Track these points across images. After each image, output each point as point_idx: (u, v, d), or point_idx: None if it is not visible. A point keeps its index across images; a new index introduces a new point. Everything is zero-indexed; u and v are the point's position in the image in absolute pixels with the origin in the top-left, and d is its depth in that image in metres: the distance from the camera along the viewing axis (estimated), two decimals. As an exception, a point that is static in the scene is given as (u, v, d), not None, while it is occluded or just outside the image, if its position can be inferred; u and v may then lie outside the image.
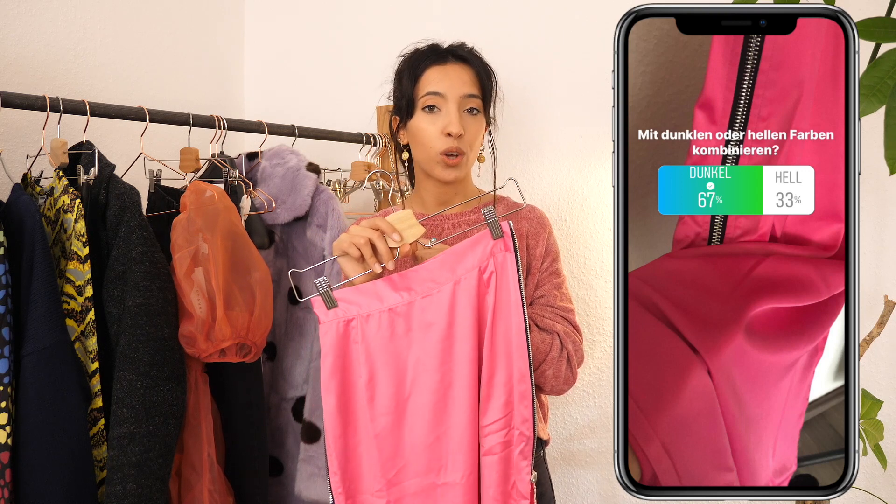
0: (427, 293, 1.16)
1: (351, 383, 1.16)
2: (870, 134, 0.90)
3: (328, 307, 1.16)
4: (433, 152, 1.33)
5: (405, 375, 1.16)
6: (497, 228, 1.15)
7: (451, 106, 1.32)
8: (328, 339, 1.16)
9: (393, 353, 1.16)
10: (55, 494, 1.25)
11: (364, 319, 1.16)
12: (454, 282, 1.16)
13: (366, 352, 1.15)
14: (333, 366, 1.15)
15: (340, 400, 1.15)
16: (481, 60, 1.39)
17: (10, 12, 1.63)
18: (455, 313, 1.15)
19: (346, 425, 1.16)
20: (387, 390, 1.15)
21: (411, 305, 1.16)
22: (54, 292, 1.27)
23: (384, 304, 1.16)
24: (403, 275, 1.17)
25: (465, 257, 1.16)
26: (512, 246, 1.16)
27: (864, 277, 1.63)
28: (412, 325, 1.16)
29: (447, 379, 1.15)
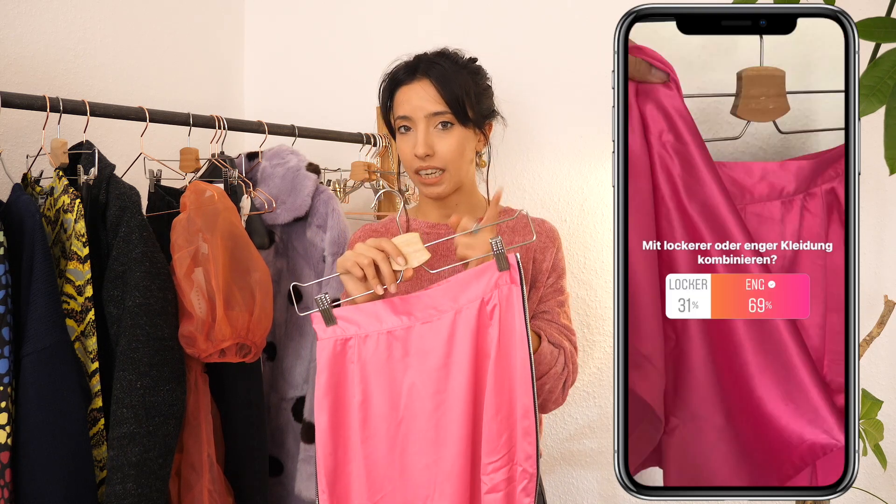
0: (427, 320, 1.15)
1: (344, 403, 1.16)
2: (870, 134, 0.90)
3: (327, 324, 1.15)
4: (411, 171, 1.35)
5: (399, 400, 1.15)
6: (503, 260, 1.13)
7: (420, 126, 1.32)
8: (324, 357, 1.15)
9: (388, 376, 1.15)
10: (55, 494, 1.25)
11: (362, 340, 1.15)
12: (455, 311, 1.14)
13: (361, 372, 1.15)
14: (328, 384, 1.15)
15: (333, 418, 1.15)
16: (446, 71, 1.33)
17: (10, 12, 1.63)
18: (454, 343, 1.14)
19: (336, 444, 1.16)
20: (380, 413, 1.15)
21: (410, 330, 1.15)
22: (54, 292, 1.27)
23: (383, 326, 1.15)
24: (405, 299, 1.16)
25: (468, 287, 1.15)
26: (518, 279, 1.14)
27: (863, 277, 1.63)
28: (410, 350, 1.15)
29: (441, 408, 1.14)
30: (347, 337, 1.16)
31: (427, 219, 1.42)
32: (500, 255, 1.13)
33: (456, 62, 1.36)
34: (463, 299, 1.15)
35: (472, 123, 1.35)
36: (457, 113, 1.32)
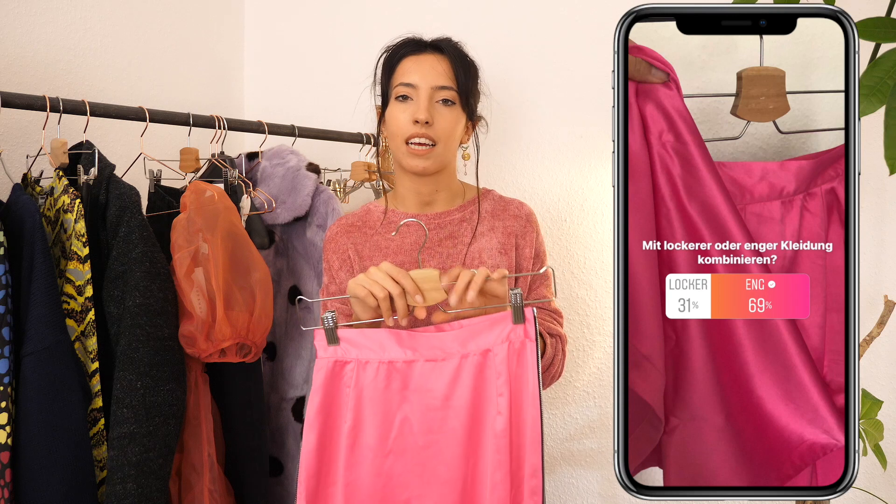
0: (431, 358, 1.15)
1: (335, 426, 1.15)
2: (870, 134, 0.90)
3: (329, 343, 1.15)
4: (400, 140, 1.32)
5: (389, 432, 1.14)
6: (520, 314, 1.12)
7: (422, 95, 1.30)
8: (320, 377, 1.15)
9: (383, 406, 1.14)
10: (55, 494, 1.25)
11: (361, 365, 1.15)
12: (462, 356, 1.14)
13: (356, 398, 1.14)
14: (321, 405, 1.15)
15: (321, 440, 1.15)
16: (460, 53, 1.36)
17: (10, 12, 1.63)
18: (455, 387, 1.14)
19: (320, 466, 1.15)
20: (368, 442, 1.14)
21: (412, 365, 1.15)
22: (54, 292, 1.27)
23: (385, 356, 1.15)
24: (412, 334, 1.15)
25: (479, 335, 1.14)
26: (534, 334, 1.13)
27: (863, 277, 1.64)
28: (409, 385, 1.15)
29: (432, 447, 1.14)
30: (347, 360, 1.15)
31: (405, 208, 1.40)
32: (518, 309, 1.12)
33: (464, 50, 1.38)
34: (472, 346, 1.14)
35: (467, 111, 1.35)
36: (461, 93, 1.33)
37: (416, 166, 1.32)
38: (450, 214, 1.39)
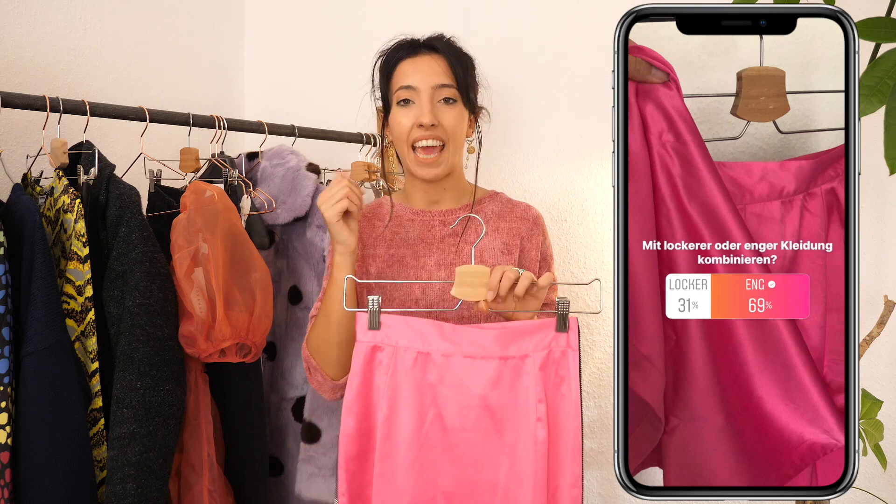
0: (470, 355, 1.14)
1: (372, 414, 1.15)
2: (870, 134, 0.90)
3: (370, 327, 1.14)
4: (408, 146, 1.32)
5: (422, 426, 1.14)
6: (564, 322, 1.12)
7: (424, 97, 1.30)
8: (358, 361, 1.14)
9: (417, 398, 1.13)
10: (55, 494, 1.25)
11: (400, 352, 1.14)
12: (500, 357, 1.14)
13: (391, 386, 1.13)
14: (359, 390, 1.14)
15: (360, 425, 1.14)
16: (455, 49, 1.36)
17: (10, 12, 1.63)
18: (492, 388, 1.13)
19: (359, 450, 1.15)
20: (403, 434, 1.14)
21: (450, 359, 1.14)
22: (54, 292, 1.27)
23: (424, 346, 1.14)
24: (455, 327, 1.15)
25: (521, 338, 1.14)
26: (576, 344, 1.13)
27: (863, 277, 1.63)
28: (444, 379, 1.14)
29: (463, 446, 1.14)
30: (386, 345, 1.14)
31: (413, 205, 1.41)
32: (563, 317, 1.12)
33: (458, 45, 1.38)
34: (512, 349, 1.14)
35: (469, 106, 1.36)
36: (461, 90, 1.33)
37: (426, 175, 1.33)
38: (454, 212, 1.40)
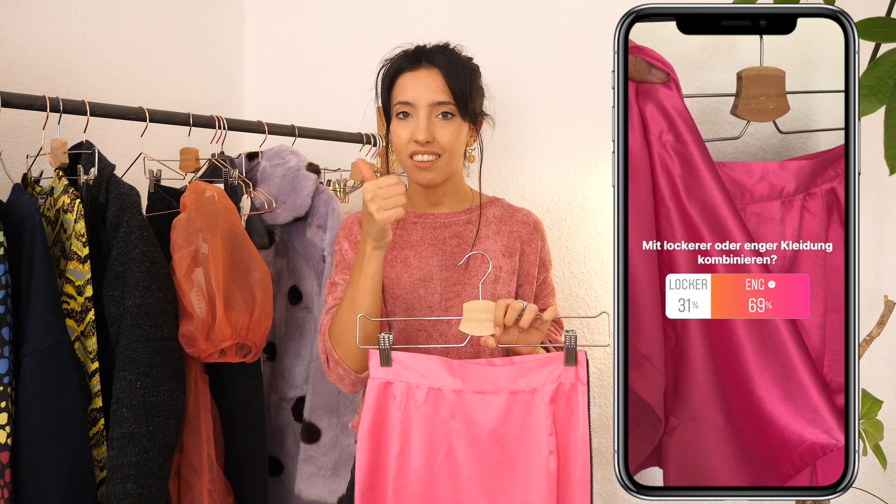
0: (480, 390, 1.17)
1: (385, 448, 1.18)
2: (870, 134, 0.90)
3: (382, 364, 1.17)
4: (405, 156, 1.35)
5: (435, 459, 1.17)
6: (573, 356, 1.15)
7: (421, 114, 1.32)
8: (371, 397, 1.17)
9: (429, 432, 1.17)
10: (55, 494, 1.25)
11: (411, 389, 1.17)
12: (510, 392, 1.16)
13: (403, 421, 1.17)
14: (372, 425, 1.17)
15: (372, 458, 1.17)
16: (456, 63, 1.36)
17: (10, 12, 1.63)
18: (503, 422, 1.16)
19: (373, 483, 1.18)
20: (415, 466, 1.17)
21: (460, 395, 1.17)
22: (54, 292, 1.27)
23: (435, 383, 1.17)
24: (463, 364, 1.18)
25: (529, 373, 1.17)
26: (585, 378, 1.15)
27: (863, 277, 1.63)
28: (456, 415, 1.17)
29: (476, 479, 1.16)
30: (398, 381, 1.17)
31: (414, 207, 1.43)
32: (571, 351, 1.15)
33: (459, 56, 1.39)
34: (521, 383, 1.16)
35: (469, 118, 1.37)
36: (459, 105, 1.34)
37: (422, 179, 1.35)
38: (456, 216, 1.42)
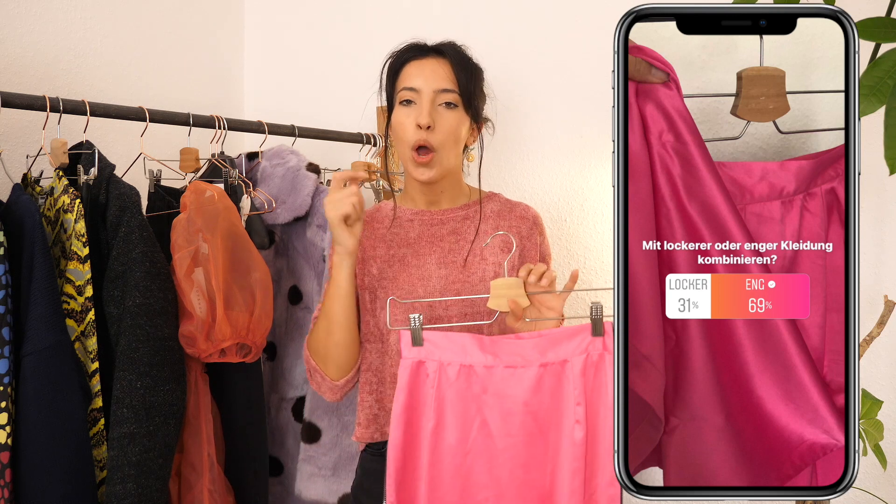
0: (511, 365, 1.19)
1: (419, 424, 1.20)
2: (870, 134, 0.90)
3: (413, 343, 1.19)
4: (406, 146, 1.34)
5: (469, 434, 1.19)
6: (599, 327, 1.18)
7: (425, 99, 1.32)
8: (405, 376, 1.19)
9: (462, 408, 1.19)
10: (55, 494, 1.25)
11: (444, 367, 1.19)
12: (541, 364, 1.19)
13: (437, 398, 1.19)
14: (406, 403, 1.19)
15: (406, 436, 1.19)
16: (462, 56, 1.38)
17: (10, 12, 1.63)
18: (534, 394, 1.18)
19: (405, 460, 1.20)
20: (450, 441, 1.19)
21: (492, 370, 1.19)
22: (54, 292, 1.27)
23: (466, 359, 1.19)
24: (494, 339, 1.20)
25: (558, 345, 1.19)
26: (612, 347, 1.16)
27: (863, 277, 1.63)
28: (488, 389, 1.19)
29: (510, 451, 1.19)
30: (430, 360, 1.20)
31: (414, 206, 1.44)
32: (597, 321, 1.17)
33: (467, 53, 1.40)
34: (551, 355, 1.19)
35: (472, 113, 1.37)
36: (464, 96, 1.35)
37: (419, 176, 1.35)
38: (454, 212, 1.43)
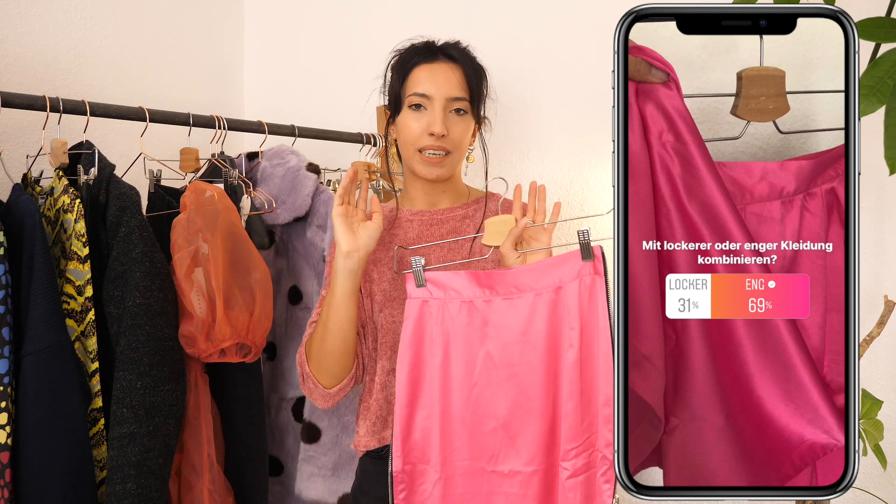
0: (507, 296, 1.22)
1: (424, 360, 1.24)
2: (870, 134, 0.90)
3: (417, 285, 1.24)
4: (414, 149, 1.35)
5: (474, 366, 1.22)
6: (588, 251, 1.20)
7: (437, 106, 1.33)
8: (411, 314, 1.23)
9: (466, 342, 1.23)
10: (55, 494, 1.25)
11: (445, 304, 1.23)
12: (535, 293, 1.22)
13: (442, 334, 1.23)
14: (412, 339, 1.23)
15: (413, 372, 1.23)
16: (472, 60, 1.38)
17: (10, 12, 1.63)
18: (531, 322, 1.21)
19: (413, 397, 1.23)
20: (457, 374, 1.23)
21: (490, 303, 1.23)
22: (54, 292, 1.27)
23: (466, 295, 1.23)
24: (488, 274, 1.24)
25: (551, 272, 1.22)
26: (602, 270, 1.20)
27: (863, 277, 1.63)
28: (488, 321, 1.23)
29: (513, 380, 1.22)
30: (433, 299, 1.24)
31: (413, 206, 1.44)
32: (585, 246, 1.19)
33: (474, 56, 1.40)
34: (544, 282, 1.22)
35: (477, 117, 1.39)
36: (473, 102, 1.36)
37: (429, 174, 1.36)
38: (453, 211, 1.43)
